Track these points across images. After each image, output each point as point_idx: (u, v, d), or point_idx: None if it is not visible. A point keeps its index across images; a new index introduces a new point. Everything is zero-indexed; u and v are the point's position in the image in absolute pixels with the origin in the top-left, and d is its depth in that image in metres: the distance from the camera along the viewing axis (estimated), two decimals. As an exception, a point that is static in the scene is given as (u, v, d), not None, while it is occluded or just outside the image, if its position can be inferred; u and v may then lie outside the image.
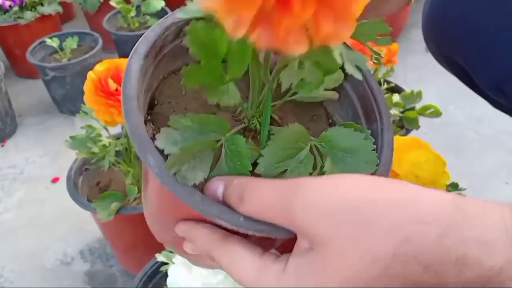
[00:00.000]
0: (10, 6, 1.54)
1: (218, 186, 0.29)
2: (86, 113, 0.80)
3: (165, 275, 0.60)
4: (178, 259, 0.58)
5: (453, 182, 0.62)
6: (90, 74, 0.67)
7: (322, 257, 0.26)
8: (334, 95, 0.37)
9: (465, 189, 0.64)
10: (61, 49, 1.46)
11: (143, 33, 0.30)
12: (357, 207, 0.25)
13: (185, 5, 0.28)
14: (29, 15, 1.54)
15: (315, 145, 0.30)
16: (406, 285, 0.25)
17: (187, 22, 0.28)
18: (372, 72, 0.90)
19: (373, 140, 0.32)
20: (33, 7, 1.58)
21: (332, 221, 0.25)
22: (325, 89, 0.36)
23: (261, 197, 0.28)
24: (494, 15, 0.50)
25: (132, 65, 0.28)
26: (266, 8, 0.20)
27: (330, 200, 0.25)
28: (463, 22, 0.53)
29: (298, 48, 0.21)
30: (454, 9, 0.55)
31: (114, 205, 0.78)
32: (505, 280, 0.24)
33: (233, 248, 0.30)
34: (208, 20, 0.26)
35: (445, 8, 0.57)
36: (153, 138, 0.28)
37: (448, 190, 0.60)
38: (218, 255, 0.30)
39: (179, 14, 0.28)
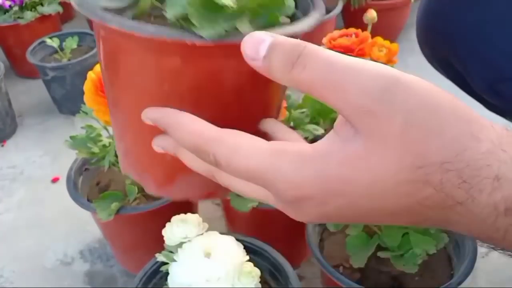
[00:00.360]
0: (10, 6, 1.54)
1: (261, 42, 0.26)
2: (86, 113, 0.80)
3: (165, 275, 0.61)
4: (179, 258, 0.58)
5: None
6: (90, 74, 0.67)
7: (365, 150, 0.25)
8: None
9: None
10: (61, 49, 1.46)
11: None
12: (432, 111, 0.25)
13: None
14: (29, 15, 1.54)
15: None
16: (435, 196, 0.24)
17: None
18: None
19: None
20: (33, 7, 1.58)
21: (400, 119, 0.24)
22: None
23: (317, 70, 0.25)
24: (486, 18, 0.51)
25: None
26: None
27: (421, 95, 0.25)
28: (456, 25, 0.54)
29: None
30: (447, 12, 0.55)
31: (114, 205, 0.78)
32: None
33: (232, 137, 0.27)
34: None
35: (439, 11, 0.57)
36: None
37: None
38: (215, 148, 0.27)
39: None
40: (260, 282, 0.59)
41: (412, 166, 0.24)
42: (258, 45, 0.26)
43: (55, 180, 1.22)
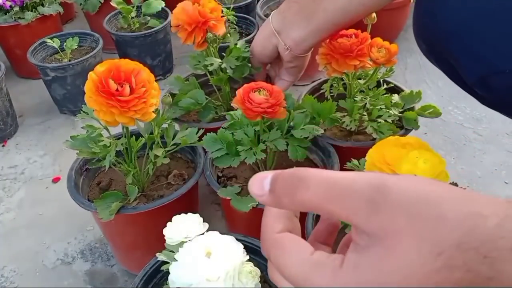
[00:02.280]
0: (10, 6, 1.54)
1: (264, 178, 0.30)
2: (87, 113, 0.80)
3: (166, 274, 0.61)
4: (179, 257, 0.59)
5: (453, 182, 0.62)
6: (91, 75, 0.67)
7: (386, 251, 0.26)
8: None
9: (465, 189, 0.64)
10: (62, 49, 1.46)
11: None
12: (427, 201, 0.26)
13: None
14: (29, 16, 1.54)
15: None
16: (466, 278, 0.25)
17: None
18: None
19: None
20: (33, 7, 1.58)
21: (405, 214, 0.26)
22: None
23: (320, 188, 0.28)
24: (477, 15, 0.52)
25: None
26: None
27: (404, 196, 0.27)
28: (450, 21, 0.55)
29: None
30: (442, 9, 0.57)
31: (115, 205, 0.78)
32: None
33: (282, 242, 0.30)
34: None
35: (434, 8, 0.59)
36: None
37: None
38: (267, 247, 0.31)
39: None
40: (260, 282, 0.60)
41: (432, 254, 0.25)
42: (262, 182, 0.29)
43: (56, 180, 1.22)
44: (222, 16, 0.95)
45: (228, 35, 1.02)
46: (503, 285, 0.25)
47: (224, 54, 1.01)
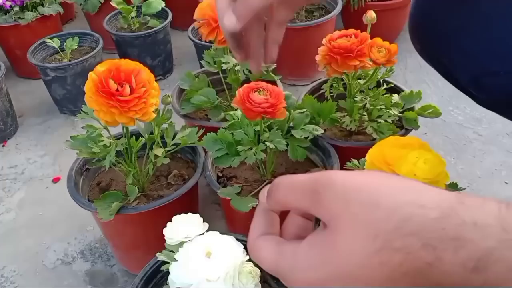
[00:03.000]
0: (10, 6, 1.54)
1: (262, 195, 0.36)
2: (87, 114, 0.80)
3: (166, 274, 0.61)
4: (179, 257, 0.59)
5: (453, 182, 0.62)
6: (91, 75, 0.67)
7: (333, 233, 0.30)
8: None
9: (464, 189, 0.64)
10: (62, 49, 1.46)
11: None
12: (363, 190, 0.29)
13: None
14: (29, 16, 1.54)
15: None
16: (407, 261, 0.27)
17: None
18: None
19: None
20: (33, 7, 1.59)
21: (342, 201, 0.29)
22: None
23: (285, 188, 0.33)
24: (471, 17, 0.53)
25: None
26: None
27: (342, 185, 0.30)
28: (444, 23, 0.56)
29: None
30: (436, 11, 0.58)
31: (115, 205, 0.78)
32: (496, 261, 0.26)
33: (257, 242, 0.35)
34: None
35: (428, 10, 0.59)
36: None
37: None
38: (249, 250, 0.36)
39: None
40: (260, 282, 0.60)
41: (369, 236, 0.28)
42: (264, 192, 0.36)
43: (56, 180, 1.22)
44: None
45: None
46: (443, 272, 0.27)
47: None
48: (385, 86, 0.97)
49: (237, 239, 0.62)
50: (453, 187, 0.62)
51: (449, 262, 0.27)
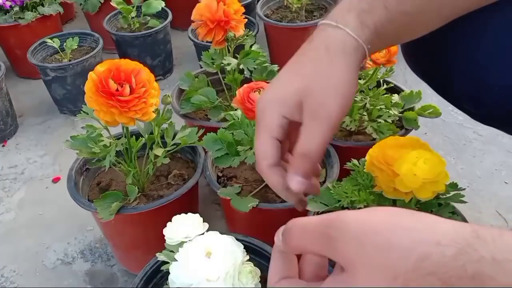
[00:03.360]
0: (10, 6, 1.54)
1: (279, 233, 0.36)
2: (87, 114, 0.80)
3: (166, 274, 0.61)
4: (179, 257, 0.59)
5: (453, 182, 0.62)
6: (91, 75, 0.67)
7: (352, 277, 0.30)
8: None
9: (464, 189, 0.64)
10: (62, 49, 1.46)
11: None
12: (376, 232, 0.29)
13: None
14: (29, 16, 1.54)
15: None
16: None
17: None
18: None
19: None
20: (33, 7, 1.58)
21: (356, 245, 0.29)
22: None
23: (302, 232, 0.33)
24: (461, 33, 0.52)
25: None
26: None
27: (355, 230, 0.30)
28: (435, 41, 0.55)
29: None
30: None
31: (115, 205, 0.78)
32: None
33: (278, 286, 0.37)
34: None
35: None
36: None
37: (447, 190, 0.60)
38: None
39: None
40: (260, 282, 0.60)
41: (387, 279, 0.28)
42: (278, 235, 0.36)
43: (56, 180, 1.22)
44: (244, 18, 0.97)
45: (246, 36, 1.03)
46: None
47: (238, 55, 1.03)
48: (385, 86, 0.97)
49: (237, 239, 0.62)
50: (453, 187, 0.62)
51: None
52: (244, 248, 0.61)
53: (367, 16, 0.45)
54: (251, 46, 1.04)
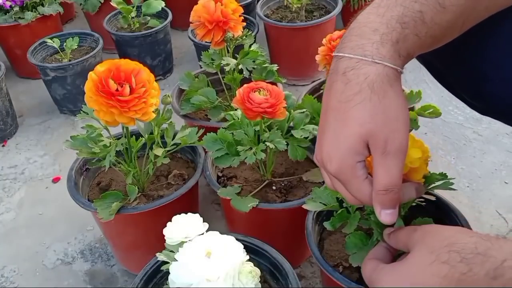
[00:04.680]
0: (10, 6, 1.54)
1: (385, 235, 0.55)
2: (87, 113, 0.80)
3: (166, 274, 0.61)
4: (179, 257, 0.59)
5: (442, 173, 0.61)
6: (91, 75, 0.67)
7: (410, 255, 0.46)
8: None
9: (454, 178, 0.63)
10: (62, 49, 1.46)
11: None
12: (438, 228, 0.47)
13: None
14: (29, 16, 1.54)
15: None
16: (450, 272, 0.41)
17: None
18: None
19: None
20: (33, 7, 1.59)
21: (422, 237, 0.47)
22: None
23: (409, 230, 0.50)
24: (470, 29, 0.52)
25: None
26: None
27: (434, 228, 0.48)
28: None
29: None
30: None
31: (115, 205, 0.78)
32: (509, 268, 0.39)
33: (366, 260, 0.53)
34: None
35: None
36: None
37: (437, 179, 0.59)
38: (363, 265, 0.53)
39: None
40: (260, 281, 0.60)
41: (427, 253, 0.43)
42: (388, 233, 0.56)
43: (56, 180, 1.23)
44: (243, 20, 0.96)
45: (245, 36, 1.03)
46: (473, 281, 0.39)
47: (237, 55, 1.03)
48: (385, 86, 0.97)
49: (237, 239, 0.62)
50: (442, 176, 0.61)
51: (478, 273, 0.39)
52: (244, 248, 0.61)
53: (401, 46, 0.46)
54: (250, 46, 1.04)
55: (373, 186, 0.46)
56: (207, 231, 0.64)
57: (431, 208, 0.69)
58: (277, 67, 1.06)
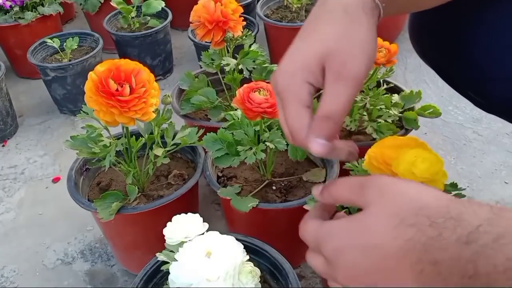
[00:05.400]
0: (10, 6, 1.54)
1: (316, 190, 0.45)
2: (87, 113, 0.80)
3: (166, 274, 0.61)
4: (179, 257, 0.59)
5: (452, 182, 0.62)
6: (91, 75, 0.67)
7: (365, 213, 0.38)
8: None
9: (465, 189, 0.64)
10: (62, 49, 1.46)
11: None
12: (397, 183, 0.38)
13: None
14: (29, 16, 1.54)
15: None
16: (416, 235, 0.34)
17: None
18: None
19: None
20: (33, 7, 1.59)
21: (378, 192, 0.38)
22: None
23: (343, 182, 0.41)
24: (470, 23, 0.52)
25: None
26: None
27: (384, 183, 0.38)
28: (443, 29, 0.56)
29: None
30: (435, 18, 0.57)
31: (115, 205, 0.78)
32: (483, 233, 0.32)
33: (305, 219, 0.44)
34: None
35: (427, 17, 0.59)
36: None
37: (447, 190, 0.60)
38: (300, 226, 0.45)
39: None
40: (260, 281, 0.60)
41: (390, 215, 0.36)
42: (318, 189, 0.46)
43: (56, 180, 1.22)
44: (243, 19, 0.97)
45: (245, 36, 1.03)
46: (441, 246, 0.33)
47: (237, 55, 1.03)
48: (385, 86, 0.97)
49: (237, 239, 0.62)
50: (453, 187, 0.62)
51: (448, 237, 0.33)
52: (244, 248, 0.61)
53: None
54: (250, 46, 1.04)
55: (316, 112, 0.43)
56: (207, 231, 0.64)
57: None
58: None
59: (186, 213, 0.67)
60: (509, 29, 0.50)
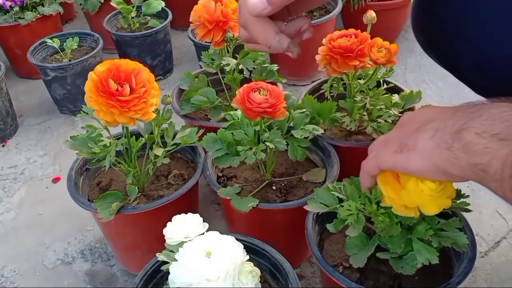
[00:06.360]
0: (10, 6, 1.54)
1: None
2: (87, 113, 0.80)
3: (166, 274, 0.61)
4: (179, 257, 0.59)
5: (457, 189, 0.61)
6: (91, 75, 0.67)
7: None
8: None
9: (468, 196, 0.64)
10: (62, 49, 1.46)
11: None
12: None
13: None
14: (29, 16, 1.54)
15: None
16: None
17: None
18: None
19: None
20: (33, 7, 1.59)
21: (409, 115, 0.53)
22: None
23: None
24: (470, 3, 0.53)
25: None
26: None
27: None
28: (444, 10, 0.56)
29: None
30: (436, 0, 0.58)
31: (115, 205, 0.78)
32: (468, 128, 0.43)
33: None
34: None
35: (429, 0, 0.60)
36: None
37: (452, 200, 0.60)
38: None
39: None
40: (260, 281, 0.60)
41: (424, 122, 0.48)
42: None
43: (56, 180, 1.23)
44: None
45: None
46: (456, 155, 0.43)
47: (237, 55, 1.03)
48: (385, 86, 0.97)
49: (237, 239, 0.62)
50: (457, 195, 0.63)
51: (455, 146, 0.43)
52: (244, 248, 0.61)
53: None
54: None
55: None
56: (207, 231, 0.64)
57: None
58: (277, 67, 1.06)
59: (186, 213, 0.67)
60: (506, 7, 0.51)
